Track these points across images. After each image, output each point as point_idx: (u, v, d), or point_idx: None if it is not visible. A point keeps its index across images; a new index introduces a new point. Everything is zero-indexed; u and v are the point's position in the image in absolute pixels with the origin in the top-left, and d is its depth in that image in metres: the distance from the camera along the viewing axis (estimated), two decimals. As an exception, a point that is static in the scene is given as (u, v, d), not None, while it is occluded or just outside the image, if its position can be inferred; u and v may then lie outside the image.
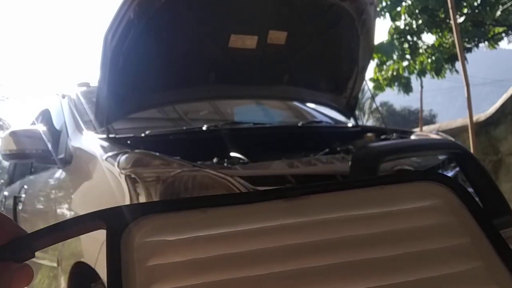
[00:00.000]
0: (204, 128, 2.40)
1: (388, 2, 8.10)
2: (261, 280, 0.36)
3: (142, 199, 1.63)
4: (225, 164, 1.93)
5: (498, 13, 8.12)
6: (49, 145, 2.41)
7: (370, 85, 8.46)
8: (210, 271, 0.36)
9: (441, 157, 2.35)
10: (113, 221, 0.38)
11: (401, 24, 8.32)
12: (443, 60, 7.96)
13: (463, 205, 0.41)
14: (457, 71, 7.82)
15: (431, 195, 0.42)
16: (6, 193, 3.77)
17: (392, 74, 8.35)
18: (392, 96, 13.14)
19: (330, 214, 0.41)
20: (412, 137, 2.63)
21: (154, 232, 0.38)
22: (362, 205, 0.41)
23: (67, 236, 0.40)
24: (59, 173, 2.43)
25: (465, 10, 8.10)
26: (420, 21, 8.17)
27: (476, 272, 0.38)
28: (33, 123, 3.18)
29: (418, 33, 8.36)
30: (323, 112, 3.31)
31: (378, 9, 7.64)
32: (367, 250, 0.38)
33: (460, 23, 7.62)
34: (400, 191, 0.43)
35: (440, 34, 8.31)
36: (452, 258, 0.26)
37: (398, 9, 8.13)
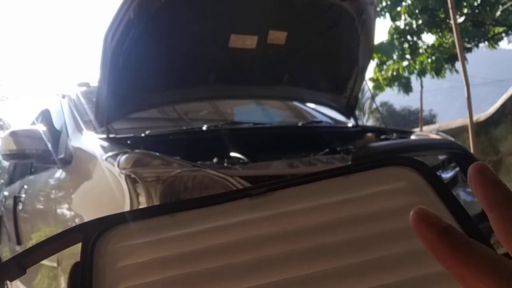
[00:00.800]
0: (204, 128, 2.40)
1: (388, 2, 8.10)
2: (219, 271, 0.39)
3: (142, 199, 1.63)
4: (225, 164, 1.93)
5: (498, 13, 8.12)
6: (49, 145, 2.41)
7: (370, 85, 8.47)
8: (172, 267, 0.39)
9: (441, 157, 2.35)
10: (89, 232, 0.41)
11: (401, 24, 8.33)
12: (443, 60, 7.97)
13: (428, 185, 0.41)
14: (457, 71, 7.83)
15: (396, 178, 0.42)
16: (6, 193, 3.78)
17: (392, 74, 8.36)
18: (392, 96, 13.14)
19: (291, 206, 0.41)
20: (412, 137, 2.63)
21: (125, 238, 0.42)
22: (325, 195, 0.42)
23: (53, 251, 0.42)
24: (59, 173, 2.43)
25: (465, 10, 8.11)
26: (420, 21, 8.17)
27: None
28: (33, 123, 3.19)
29: (418, 33, 8.36)
30: (323, 112, 3.31)
31: (378, 9, 7.64)
32: (326, 235, 0.39)
33: (460, 23, 7.62)
34: (364, 178, 0.43)
35: (440, 34, 8.31)
36: (414, 236, 0.27)
37: (398, 9, 8.14)
